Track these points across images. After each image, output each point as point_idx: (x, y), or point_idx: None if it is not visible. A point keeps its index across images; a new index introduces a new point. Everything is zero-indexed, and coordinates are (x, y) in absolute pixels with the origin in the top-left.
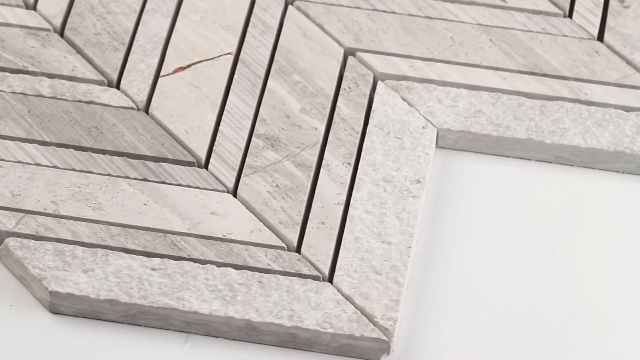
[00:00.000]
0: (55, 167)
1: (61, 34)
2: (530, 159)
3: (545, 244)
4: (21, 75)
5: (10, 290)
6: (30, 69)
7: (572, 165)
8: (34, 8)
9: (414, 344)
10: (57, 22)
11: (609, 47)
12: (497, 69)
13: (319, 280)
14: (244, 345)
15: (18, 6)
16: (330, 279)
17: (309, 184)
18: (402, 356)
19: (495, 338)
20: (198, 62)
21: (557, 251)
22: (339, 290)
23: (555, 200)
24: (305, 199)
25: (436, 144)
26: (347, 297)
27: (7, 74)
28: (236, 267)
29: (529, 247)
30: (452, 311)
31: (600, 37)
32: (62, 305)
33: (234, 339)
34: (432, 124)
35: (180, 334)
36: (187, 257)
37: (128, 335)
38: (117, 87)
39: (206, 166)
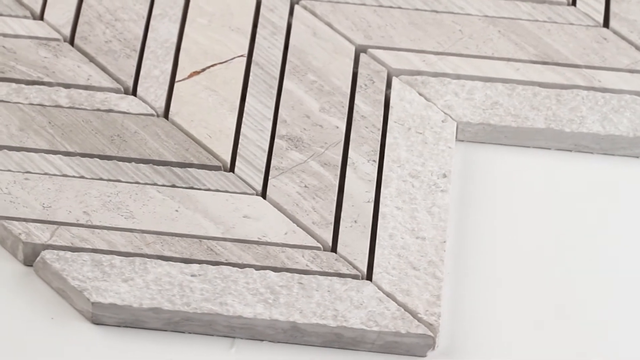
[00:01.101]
0: (82, 177)
1: (71, 43)
2: (549, 148)
3: (573, 230)
4: (37, 86)
5: (49, 303)
6: (46, 79)
7: (591, 153)
8: (41, 18)
9: (457, 338)
10: (66, 31)
11: (616, 33)
12: (509, 59)
13: (359, 279)
14: (288, 347)
15: (25, 17)
16: (369, 277)
17: (337, 183)
18: (446, 351)
19: (533, 326)
20: (212, 66)
21: (584, 237)
22: (380, 288)
23: (579, 187)
24: (335, 198)
25: (455, 137)
26: (388, 295)
27: (23, 85)
28: (275, 269)
29: (557, 235)
30: (489, 302)
31: (606, 24)
32: (104, 316)
33: (279, 342)
34: (451, 117)
35: (225, 339)
36: (225, 261)
37: (172, 343)
38: (134, 94)
39: (232, 169)
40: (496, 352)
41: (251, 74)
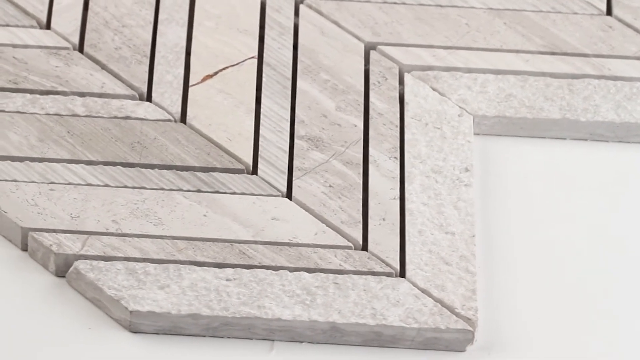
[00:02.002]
0: (107, 185)
1: (81, 51)
2: (565, 138)
3: (595, 218)
4: (52, 96)
5: (84, 313)
6: (60, 89)
7: (607, 141)
8: (48, 27)
9: (493, 332)
10: (75, 39)
11: (620, 20)
12: (517, 51)
13: (393, 277)
14: (328, 348)
15: (32, 27)
16: (402, 275)
17: (361, 181)
18: (485, 345)
19: (567, 317)
20: (224, 69)
21: (608, 224)
22: (415, 285)
23: (596, 176)
24: (361, 196)
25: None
26: (423, 291)
27: (38, 95)
28: (309, 270)
29: (580, 225)
30: (521, 294)
31: (609, 12)
32: (142, 324)
33: (318, 342)
34: (466, 111)
35: (263, 342)
36: (259, 264)
37: (211, 348)
38: (149, 100)
39: (254, 172)
40: (533, 344)
41: (264, 75)
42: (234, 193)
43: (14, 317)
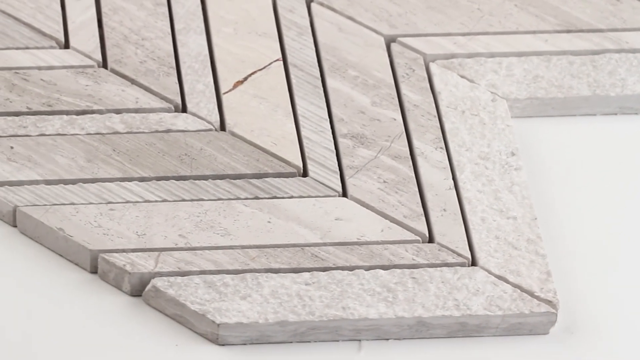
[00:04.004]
0: (165, 200)
1: (105, 67)
2: (595, 114)
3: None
4: (89, 115)
5: (167, 330)
6: (95, 107)
7: (636, 114)
8: (67, 47)
9: (572, 312)
10: (97, 56)
11: None
12: (534, 32)
13: (466, 266)
14: (414, 342)
15: (52, 47)
16: (474, 263)
17: (413, 174)
18: (566, 326)
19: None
20: (252, 74)
21: None
22: (490, 272)
23: (632, 148)
24: (417, 189)
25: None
26: (499, 277)
27: (74, 116)
28: (384, 267)
29: (629, 199)
30: (589, 272)
31: None
32: (230, 336)
33: (404, 338)
34: (498, 95)
35: (350, 343)
36: (334, 266)
37: (301, 353)
38: (184, 111)
39: (305, 174)
40: (614, 321)
41: (292, 76)
42: (292, 197)
43: (97, 340)
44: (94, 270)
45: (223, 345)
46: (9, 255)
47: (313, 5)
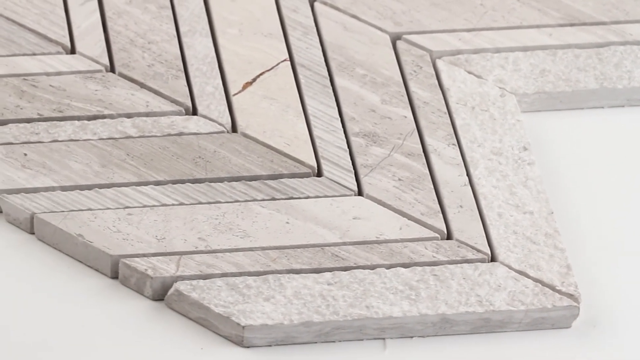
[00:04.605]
0: (182, 204)
1: (113, 71)
2: (602, 107)
3: None
4: (100, 120)
5: (192, 333)
6: (106, 112)
7: None
8: (73, 52)
9: (593, 305)
10: (104, 61)
11: None
12: (538, 26)
13: (486, 262)
14: (438, 340)
15: (59, 53)
16: (493, 259)
17: (427, 172)
18: (588, 319)
19: None
20: (261, 74)
21: None
22: (510, 267)
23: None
24: (432, 186)
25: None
26: (520, 272)
27: (86, 122)
28: (404, 265)
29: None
30: (605, 265)
31: None
32: (255, 338)
33: (427, 336)
34: (506, 90)
35: (375, 342)
36: (355, 265)
37: (326, 353)
38: (194, 113)
39: (319, 174)
40: (634, 312)
41: (300, 76)
42: (308, 197)
43: (123, 346)
44: (114, 276)
45: (248, 347)
46: (27, 263)
47: (316, 5)
